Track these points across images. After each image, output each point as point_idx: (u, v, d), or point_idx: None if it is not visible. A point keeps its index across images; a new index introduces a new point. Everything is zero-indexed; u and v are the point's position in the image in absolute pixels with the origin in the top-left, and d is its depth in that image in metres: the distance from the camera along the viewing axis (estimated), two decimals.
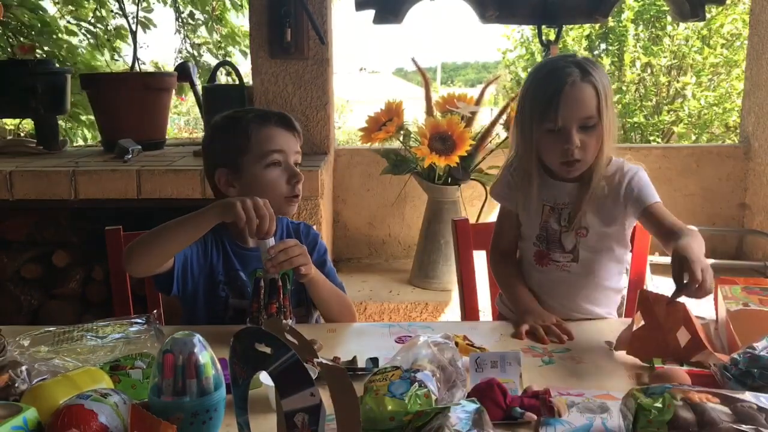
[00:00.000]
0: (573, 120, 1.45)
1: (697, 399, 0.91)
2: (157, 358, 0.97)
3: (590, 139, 1.47)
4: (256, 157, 1.53)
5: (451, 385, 1.07)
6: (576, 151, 1.47)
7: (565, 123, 1.46)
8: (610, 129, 1.48)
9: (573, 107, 1.45)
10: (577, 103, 1.45)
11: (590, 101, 1.45)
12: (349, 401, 0.78)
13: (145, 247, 1.43)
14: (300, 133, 1.60)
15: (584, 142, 1.46)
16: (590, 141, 1.47)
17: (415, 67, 3.19)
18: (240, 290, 1.57)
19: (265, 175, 1.53)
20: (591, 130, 1.47)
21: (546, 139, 1.50)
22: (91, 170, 2.49)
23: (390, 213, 3.31)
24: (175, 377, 0.95)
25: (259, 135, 1.54)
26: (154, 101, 2.95)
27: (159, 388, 0.95)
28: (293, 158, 1.57)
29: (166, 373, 0.95)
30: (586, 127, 1.46)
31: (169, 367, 0.95)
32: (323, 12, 2.74)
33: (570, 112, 1.45)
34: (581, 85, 1.45)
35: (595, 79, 1.45)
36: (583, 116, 1.46)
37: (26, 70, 2.84)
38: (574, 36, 6.38)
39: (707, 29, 6.08)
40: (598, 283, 1.58)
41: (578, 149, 1.46)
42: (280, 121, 1.57)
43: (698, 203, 3.37)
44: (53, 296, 2.71)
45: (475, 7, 2.49)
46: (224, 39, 5.03)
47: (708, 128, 6.28)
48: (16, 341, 1.24)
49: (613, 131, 1.51)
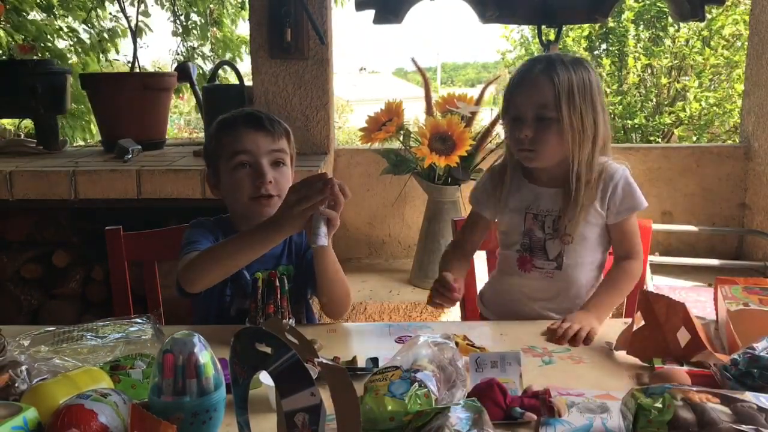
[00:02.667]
0: (525, 107, 1.48)
1: (697, 399, 0.91)
2: (157, 358, 0.97)
3: (546, 132, 1.47)
4: (225, 160, 1.52)
5: (451, 385, 1.07)
6: (527, 141, 1.48)
7: (518, 111, 1.49)
8: (580, 130, 1.47)
9: (525, 95, 1.48)
10: (530, 91, 1.48)
11: (544, 92, 1.46)
12: (349, 401, 0.78)
13: (213, 263, 1.40)
14: (276, 131, 1.53)
15: (540, 134, 1.47)
16: (546, 135, 1.47)
17: (415, 67, 3.19)
18: (243, 290, 1.57)
19: (232, 177, 1.51)
20: (548, 123, 1.46)
21: (509, 128, 1.55)
22: (91, 170, 2.49)
23: (390, 213, 3.31)
24: (175, 377, 0.95)
25: (227, 138, 1.52)
26: (154, 101, 2.96)
27: (159, 388, 0.95)
28: (267, 158, 1.50)
29: (166, 373, 0.95)
30: (543, 119, 1.47)
31: (169, 367, 0.95)
32: (323, 12, 2.74)
33: (522, 100, 1.49)
34: (539, 76, 1.47)
35: (558, 74, 1.46)
36: (535, 105, 1.47)
37: (26, 70, 2.85)
38: (574, 36, 6.38)
39: (708, 30, 6.08)
40: (579, 289, 1.58)
41: (531, 140, 1.48)
42: (247, 121, 1.53)
43: (698, 203, 3.37)
44: (53, 296, 2.71)
45: (475, 7, 2.49)
46: (218, 42, 5.03)
47: (708, 129, 6.28)
48: (16, 341, 1.24)
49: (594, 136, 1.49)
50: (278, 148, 1.53)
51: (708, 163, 3.35)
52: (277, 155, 1.52)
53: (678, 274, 3.10)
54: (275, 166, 1.52)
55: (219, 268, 1.40)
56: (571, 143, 1.47)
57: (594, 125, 1.49)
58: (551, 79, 1.46)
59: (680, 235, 3.37)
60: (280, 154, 1.53)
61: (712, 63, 6.09)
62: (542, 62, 1.50)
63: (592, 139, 1.49)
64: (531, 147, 1.49)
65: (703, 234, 3.34)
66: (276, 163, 1.52)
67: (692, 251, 3.34)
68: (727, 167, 3.34)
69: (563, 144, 1.48)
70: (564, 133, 1.46)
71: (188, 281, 1.44)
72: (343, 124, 10.25)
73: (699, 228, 3.30)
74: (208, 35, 4.94)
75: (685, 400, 0.91)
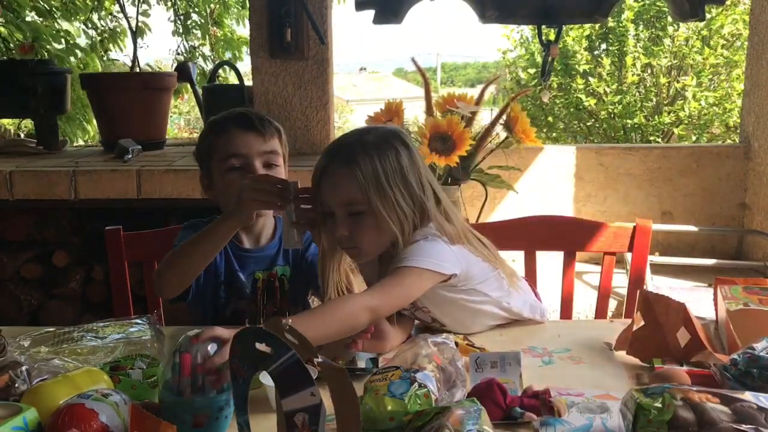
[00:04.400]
0: (335, 206, 1.32)
1: (696, 399, 0.91)
2: (173, 358, 0.98)
3: (361, 226, 1.31)
4: (217, 162, 1.52)
5: (451, 385, 1.07)
6: (344, 240, 1.33)
7: (329, 208, 1.34)
8: (400, 213, 1.32)
9: (331, 193, 1.33)
10: (335, 189, 1.32)
11: (351, 189, 1.30)
12: (349, 401, 0.78)
13: (173, 268, 1.43)
14: (267, 131, 1.52)
15: (355, 228, 1.31)
16: (361, 229, 1.31)
17: (415, 67, 3.19)
18: (238, 291, 1.57)
19: (224, 179, 1.51)
20: (362, 217, 1.31)
21: (325, 225, 1.37)
22: (91, 170, 2.49)
23: None
24: (194, 375, 0.96)
25: (219, 140, 1.52)
26: (154, 101, 2.95)
27: (177, 386, 0.97)
28: (260, 159, 1.50)
29: (185, 372, 0.96)
30: (355, 214, 1.31)
31: (188, 366, 0.97)
32: (323, 12, 2.74)
33: (329, 197, 1.33)
34: (341, 172, 1.31)
35: (360, 164, 1.29)
36: (343, 202, 1.31)
37: (26, 70, 2.84)
38: (574, 36, 6.38)
39: (707, 30, 6.07)
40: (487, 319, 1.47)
41: (349, 237, 1.32)
42: (238, 122, 1.52)
43: (698, 203, 3.37)
44: (53, 296, 2.71)
45: (475, 7, 2.49)
46: (218, 42, 5.02)
47: (708, 129, 6.28)
48: (16, 341, 1.24)
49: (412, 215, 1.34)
50: (270, 149, 1.52)
51: (708, 163, 3.35)
52: (269, 157, 1.52)
53: (678, 274, 3.09)
54: (267, 167, 1.52)
55: (180, 271, 1.43)
56: (390, 229, 1.31)
57: (412, 203, 1.33)
58: (354, 175, 1.29)
59: (680, 235, 3.37)
60: (271, 155, 1.52)
61: (711, 62, 6.09)
62: (343, 154, 1.32)
63: (413, 217, 1.34)
64: (351, 245, 1.34)
65: (703, 234, 3.34)
66: (268, 165, 1.52)
67: (692, 251, 3.34)
68: (727, 167, 3.34)
69: (384, 232, 1.32)
70: (381, 223, 1.31)
71: (158, 291, 1.50)
72: (343, 124, 10.27)
73: (699, 228, 3.30)
74: (208, 35, 4.93)
75: (685, 400, 0.91)
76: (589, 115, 6.65)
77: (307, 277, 1.59)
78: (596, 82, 6.29)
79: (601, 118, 6.48)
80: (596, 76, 6.33)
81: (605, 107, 6.32)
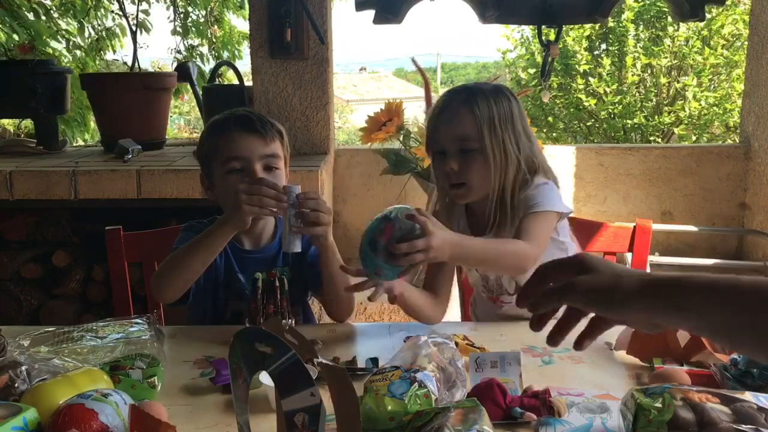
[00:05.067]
0: (448, 141, 1.46)
1: (696, 399, 0.91)
2: (381, 222, 1.18)
3: (472, 163, 1.44)
4: (218, 164, 1.52)
5: (451, 385, 1.07)
6: (453, 174, 1.45)
7: (442, 145, 1.47)
8: (503, 159, 1.44)
9: (447, 129, 1.46)
10: (452, 125, 1.46)
11: (465, 125, 1.44)
12: (349, 401, 0.78)
13: (171, 273, 1.44)
14: (269, 134, 1.51)
15: (465, 166, 1.45)
16: (472, 165, 1.44)
17: (415, 67, 3.19)
18: (238, 292, 1.57)
19: (225, 182, 1.51)
20: (473, 155, 1.44)
21: (435, 164, 1.52)
22: (91, 170, 2.49)
23: None
24: (389, 242, 1.16)
25: (219, 141, 1.52)
26: (154, 101, 2.95)
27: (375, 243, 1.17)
28: (260, 162, 1.49)
29: (384, 236, 1.17)
30: (466, 151, 1.45)
31: (388, 233, 1.17)
32: (323, 12, 2.74)
33: (445, 134, 1.47)
34: (459, 109, 1.46)
35: (478, 105, 1.44)
36: (458, 137, 1.45)
37: (26, 70, 2.84)
38: (574, 36, 6.38)
39: (708, 30, 6.08)
40: None
41: (457, 173, 1.45)
42: (240, 124, 1.50)
43: (698, 203, 3.37)
44: (53, 296, 2.71)
45: (475, 7, 2.49)
46: (217, 41, 5.01)
47: (708, 129, 6.28)
48: (16, 341, 1.24)
49: (515, 163, 1.46)
50: (271, 153, 1.51)
51: (708, 163, 3.35)
52: (270, 160, 1.51)
53: None
54: (268, 170, 1.51)
55: (177, 277, 1.44)
56: (497, 171, 1.44)
57: (518, 150, 1.46)
58: (472, 111, 1.44)
59: (680, 235, 3.37)
60: (272, 159, 1.52)
61: (711, 63, 6.09)
62: (462, 94, 1.48)
63: (517, 164, 1.46)
64: (459, 180, 1.46)
65: (703, 234, 3.34)
66: (269, 168, 1.51)
67: (692, 251, 3.34)
68: (727, 167, 3.34)
69: (489, 173, 1.45)
70: (489, 163, 1.44)
71: (156, 295, 1.49)
72: (343, 124, 10.26)
73: (699, 228, 3.30)
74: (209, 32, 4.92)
75: (685, 400, 0.91)
76: (589, 115, 6.65)
77: (306, 278, 1.59)
78: (596, 82, 6.29)
79: (601, 118, 6.49)
80: (596, 76, 6.34)
81: (605, 107, 6.32)
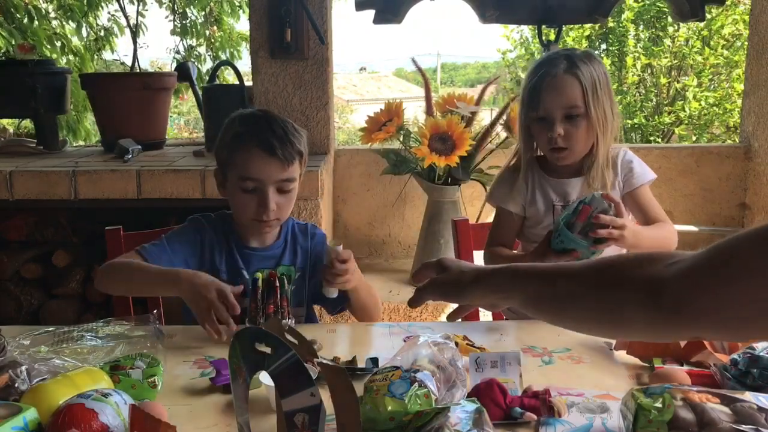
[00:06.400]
0: (555, 109, 1.54)
1: (697, 399, 0.91)
2: (578, 204, 1.42)
3: (577, 128, 1.54)
4: (233, 175, 1.52)
5: (451, 385, 1.07)
6: (560, 139, 1.55)
7: (548, 112, 1.55)
8: (604, 121, 1.55)
9: (554, 97, 1.54)
10: (558, 92, 1.54)
11: (573, 92, 1.53)
12: (349, 401, 0.78)
13: (116, 278, 1.49)
14: (289, 158, 1.49)
15: (570, 131, 1.54)
16: (577, 131, 1.55)
17: (415, 67, 3.19)
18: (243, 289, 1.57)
19: (237, 196, 1.52)
20: (577, 120, 1.54)
21: (535, 128, 1.60)
22: (91, 170, 2.49)
23: (390, 213, 3.30)
24: (587, 222, 1.39)
25: (238, 155, 1.51)
26: (154, 101, 2.95)
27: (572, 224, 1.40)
28: (274, 186, 1.49)
29: (581, 217, 1.40)
30: (572, 117, 1.54)
31: (584, 214, 1.39)
32: (323, 12, 2.74)
33: (552, 102, 1.54)
34: (564, 76, 1.54)
35: (581, 71, 1.53)
36: (566, 105, 1.53)
37: (26, 70, 2.84)
38: (574, 36, 6.38)
39: (708, 30, 6.07)
40: None
41: (563, 138, 1.54)
42: (263, 144, 1.48)
43: (698, 203, 3.37)
44: (53, 296, 2.71)
45: (475, 7, 2.49)
46: (217, 41, 5.01)
47: (708, 129, 6.28)
48: (16, 341, 1.24)
49: (612, 124, 1.57)
50: (287, 177, 1.51)
51: (708, 163, 3.35)
52: (284, 184, 1.51)
53: None
54: (280, 193, 1.52)
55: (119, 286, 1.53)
56: (598, 134, 1.56)
57: (612, 114, 1.57)
58: (577, 77, 1.53)
59: (680, 235, 3.33)
60: (286, 183, 1.52)
61: (711, 63, 6.09)
62: (563, 61, 1.55)
63: (614, 126, 1.58)
64: (563, 145, 1.55)
65: (703, 234, 3.34)
66: (282, 191, 1.52)
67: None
68: (727, 167, 3.34)
69: (590, 137, 1.56)
70: (592, 126, 1.54)
71: (98, 283, 1.53)
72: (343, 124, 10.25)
73: (699, 228, 3.30)
74: (207, 33, 4.91)
75: (685, 400, 0.91)
76: None
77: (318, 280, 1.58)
78: None
79: None
80: None
81: None
